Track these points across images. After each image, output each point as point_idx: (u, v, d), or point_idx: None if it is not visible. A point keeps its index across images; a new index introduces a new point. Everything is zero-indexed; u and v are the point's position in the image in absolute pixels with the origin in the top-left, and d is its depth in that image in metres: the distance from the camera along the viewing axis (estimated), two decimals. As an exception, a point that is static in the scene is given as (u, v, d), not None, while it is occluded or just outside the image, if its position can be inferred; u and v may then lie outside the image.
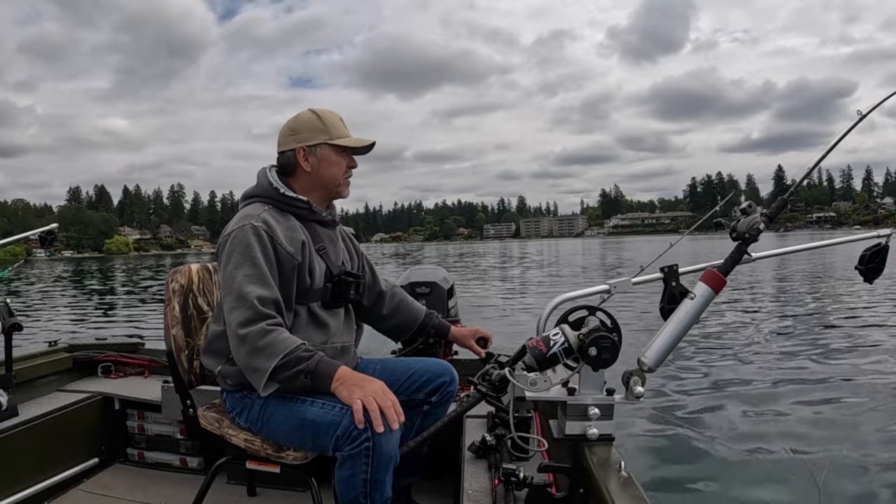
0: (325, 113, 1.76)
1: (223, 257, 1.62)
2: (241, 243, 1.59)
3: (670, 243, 1.74)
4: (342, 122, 1.77)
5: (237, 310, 1.52)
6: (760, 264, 13.29)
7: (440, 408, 1.83)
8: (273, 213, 1.67)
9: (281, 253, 1.61)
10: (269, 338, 1.48)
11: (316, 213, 1.75)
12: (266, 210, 1.66)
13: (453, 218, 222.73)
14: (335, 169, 1.75)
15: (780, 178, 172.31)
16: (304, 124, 1.74)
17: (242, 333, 1.50)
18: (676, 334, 1.40)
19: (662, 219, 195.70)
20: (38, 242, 2.90)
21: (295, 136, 1.73)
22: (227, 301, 1.57)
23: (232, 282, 1.56)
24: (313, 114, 1.75)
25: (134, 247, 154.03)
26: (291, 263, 1.63)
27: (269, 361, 1.47)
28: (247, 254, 1.57)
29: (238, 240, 1.60)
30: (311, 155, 1.73)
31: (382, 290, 2.01)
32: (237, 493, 2.33)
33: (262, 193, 1.72)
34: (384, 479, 1.46)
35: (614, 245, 68.51)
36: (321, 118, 1.74)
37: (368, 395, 1.42)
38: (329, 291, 1.74)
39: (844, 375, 5.43)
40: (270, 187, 1.71)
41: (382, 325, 2.03)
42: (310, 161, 1.73)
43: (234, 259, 1.58)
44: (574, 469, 1.40)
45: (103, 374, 2.80)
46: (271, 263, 1.59)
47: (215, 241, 23.90)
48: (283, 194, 1.70)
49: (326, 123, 1.73)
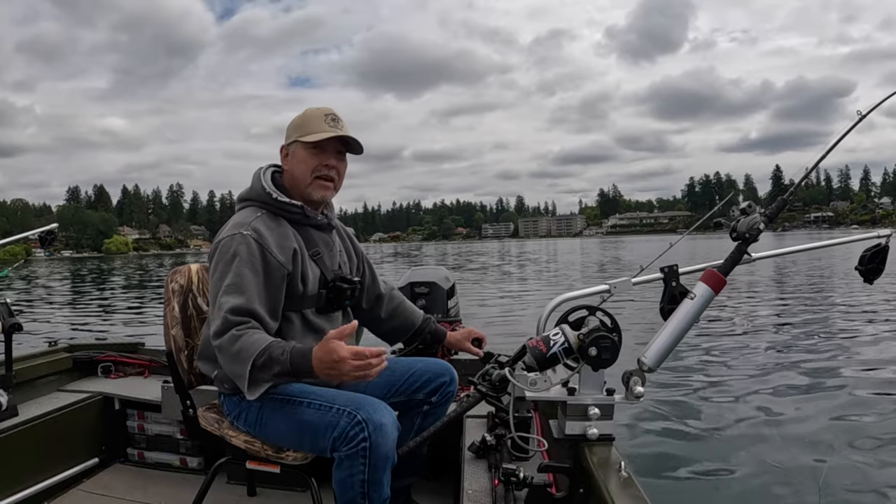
0: (311, 110, 1.71)
1: (211, 266, 1.62)
2: (227, 253, 1.58)
3: (670, 243, 1.74)
4: (328, 119, 1.67)
5: (214, 321, 1.53)
6: (760, 264, 13.33)
7: (440, 408, 1.83)
8: (265, 219, 1.64)
9: (271, 262, 1.59)
10: (239, 342, 1.47)
11: (310, 217, 1.71)
12: (258, 217, 1.64)
13: (452, 218, 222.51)
14: (302, 166, 1.68)
15: (777, 177, 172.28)
16: (291, 124, 1.73)
17: (217, 343, 1.50)
18: (676, 334, 1.40)
19: (660, 218, 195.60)
20: (38, 242, 2.89)
21: (285, 135, 1.73)
22: (210, 310, 1.58)
23: (215, 292, 1.56)
24: (304, 112, 1.72)
25: (133, 246, 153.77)
26: (281, 272, 1.61)
27: (244, 366, 1.45)
28: (230, 263, 1.56)
29: (224, 249, 1.59)
30: (289, 154, 1.71)
31: (381, 293, 1.99)
32: (237, 494, 2.33)
33: (255, 197, 1.70)
34: (382, 479, 1.46)
35: (612, 245, 68.50)
36: (303, 116, 1.71)
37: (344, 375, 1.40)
38: (323, 297, 1.71)
39: (845, 375, 5.43)
40: (263, 192, 1.68)
41: (380, 328, 2.02)
42: (288, 160, 1.72)
43: (218, 269, 1.58)
44: (574, 469, 1.40)
45: (103, 374, 2.80)
46: (256, 272, 1.56)
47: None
48: (275, 199, 1.67)
49: (305, 120, 1.69)
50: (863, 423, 4.09)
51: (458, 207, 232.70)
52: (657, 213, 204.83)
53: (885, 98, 1.49)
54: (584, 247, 66.58)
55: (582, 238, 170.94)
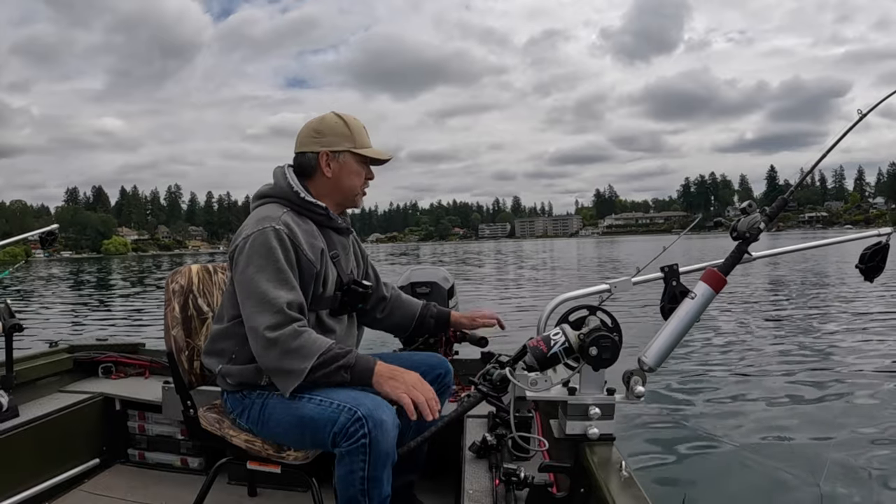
0: (350, 119, 1.73)
1: (241, 258, 1.58)
2: (263, 246, 1.56)
3: (663, 247, 1.73)
4: (365, 131, 1.74)
5: (263, 314, 1.51)
6: (758, 263, 13.34)
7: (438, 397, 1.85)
8: (292, 215, 1.64)
9: (303, 259, 1.60)
10: (301, 339, 1.50)
11: (333, 219, 1.73)
12: (286, 212, 1.64)
13: (448, 218, 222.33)
14: (356, 178, 1.73)
15: (772, 178, 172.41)
16: (330, 128, 1.70)
17: (273, 337, 1.49)
18: (677, 334, 1.41)
19: (656, 219, 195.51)
20: (38, 243, 2.89)
21: (319, 139, 1.70)
22: (247, 305, 1.55)
23: (254, 286, 1.54)
24: (339, 118, 1.72)
25: (132, 247, 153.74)
26: (311, 271, 1.62)
27: (304, 362, 1.49)
28: (270, 257, 1.55)
29: (259, 242, 1.56)
30: (333, 161, 1.69)
31: (385, 296, 2.01)
32: (238, 494, 2.33)
33: (279, 194, 1.68)
34: (382, 476, 1.46)
35: (608, 245, 68.54)
36: (347, 124, 1.71)
37: (410, 388, 1.49)
38: (338, 300, 1.73)
39: (845, 374, 5.44)
40: (290, 190, 1.67)
41: (382, 325, 2.03)
42: (332, 167, 1.70)
43: (255, 262, 1.55)
44: (575, 469, 1.41)
45: (104, 374, 2.81)
46: (293, 267, 1.58)
47: (213, 241, 23.76)
48: (302, 198, 1.67)
49: (353, 130, 1.71)
50: (864, 423, 4.09)
51: (454, 208, 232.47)
52: (653, 214, 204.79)
53: (886, 97, 1.50)
54: (581, 247, 66.60)
55: (578, 238, 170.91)
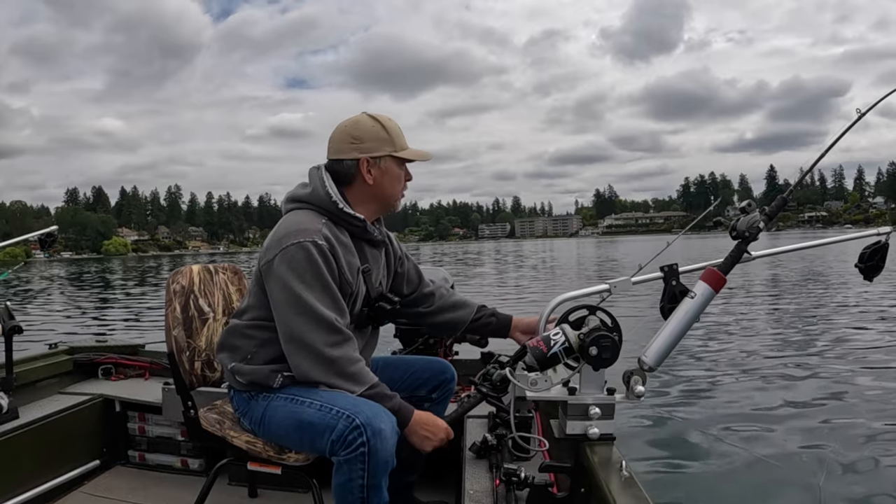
0: (386, 120, 1.66)
1: (282, 269, 1.52)
2: (307, 261, 1.51)
3: (667, 242, 1.74)
4: (401, 132, 1.68)
5: (318, 331, 1.50)
6: (758, 263, 13.35)
7: (440, 404, 1.86)
8: (330, 226, 1.59)
9: (342, 278, 1.58)
10: (357, 366, 1.55)
11: (369, 232, 1.67)
12: (324, 224, 1.58)
13: (448, 218, 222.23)
14: (397, 184, 1.68)
15: (772, 177, 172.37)
16: (368, 133, 1.63)
17: (332, 356, 1.51)
18: (677, 333, 1.40)
19: (656, 219, 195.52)
20: (38, 244, 2.88)
21: (358, 146, 1.62)
22: (296, 320, 1.51)
23: (304, 302, 1.51)
24: (375, 121, 1.65)
25: (132, 248, 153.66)
26: (347, 291, 1.60)
27: (355, 387, 1.53)
28: (316, 272, 1.52)
29: (302, 256, 1.51)
30: (374, 167, 1.63)
31: (431, 292, 1.94)
32: (238, 495, 2.33)
33: (317, 202, 1.61)
34: (381, 484, 1.46)
35: (608, 245, 68.52)
36: (385, 127, 1.64)
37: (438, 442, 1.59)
38: (364, 315, 1.70)
39: (845, 373, 5.44)
40: (329, 199, 1.60)
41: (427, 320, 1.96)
42: (373, 173, 1.63)
43: (302, 277, 1.51)
44: (575, 469, 1.41)
45: (104, 376, 2.80)
46: (336, 283, 1.56)
47: (213, 241, 23.76)
48: (340, 209, 1.60)
49: (391, 133, 1.64)
50: (864, 422, 4.09)
51: (454, 208, 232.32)
52: (653, 214, 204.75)
53: (885, 96, 1.49)
54: (581, 247, 66.59)
55: (578, 238, 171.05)
